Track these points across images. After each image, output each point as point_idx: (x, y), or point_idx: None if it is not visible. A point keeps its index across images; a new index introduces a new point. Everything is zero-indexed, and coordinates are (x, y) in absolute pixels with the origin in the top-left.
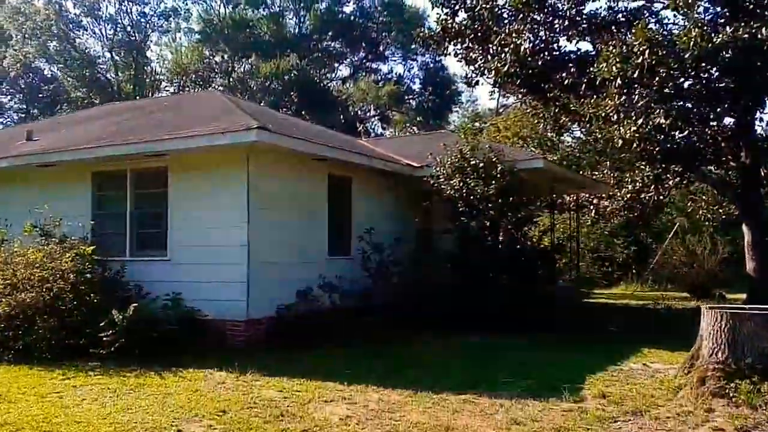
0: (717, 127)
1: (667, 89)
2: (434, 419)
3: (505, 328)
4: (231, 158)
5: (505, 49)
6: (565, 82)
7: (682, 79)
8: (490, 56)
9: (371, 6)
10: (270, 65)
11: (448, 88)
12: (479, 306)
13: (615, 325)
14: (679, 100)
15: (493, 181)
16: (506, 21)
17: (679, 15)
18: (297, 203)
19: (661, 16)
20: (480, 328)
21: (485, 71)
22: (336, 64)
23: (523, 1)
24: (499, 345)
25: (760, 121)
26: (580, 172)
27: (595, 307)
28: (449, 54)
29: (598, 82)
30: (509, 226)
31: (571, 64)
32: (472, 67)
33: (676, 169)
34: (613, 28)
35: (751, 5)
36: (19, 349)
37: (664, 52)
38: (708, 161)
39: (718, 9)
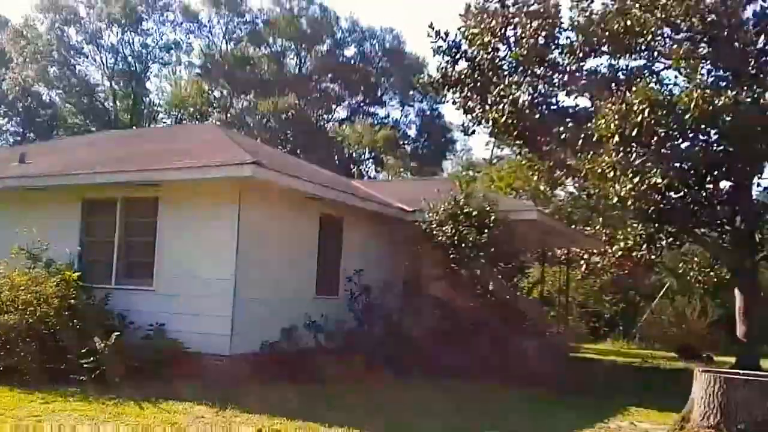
0: (713, 190)
1: (664, 149)
2: None
3: (491, 379)
4: (223, 192)
5: (504, 100)
6: (562, 137)
7: (680, 140)
8: (488, 106)
9: (372, 51)
10: (268, 103)
11: (444, 135)
12: (466, 355)
13: (602, 381)
14: (676, 161)
15: (486, 230)
16: (506, 72)
17: (681, 76)
18: (287, 240)
19: (661, 77)
20: (465, 377)
21: (482, 121)
22: (334, 106)
23: (524, 54)
24: (483, 396)
25: (758, 186)
26: (572, 227)
27: (583, 362)
28: (448, 101)
29: (595, 139)
30: (500, 276)
31: (568, 119)
32: (469, 116)
33: (670, 229)
34: (613, 85)
35: (754, 70)
36: (1, 371)
37: (664, 112)
38: (702, 223)
39: (721, 72)
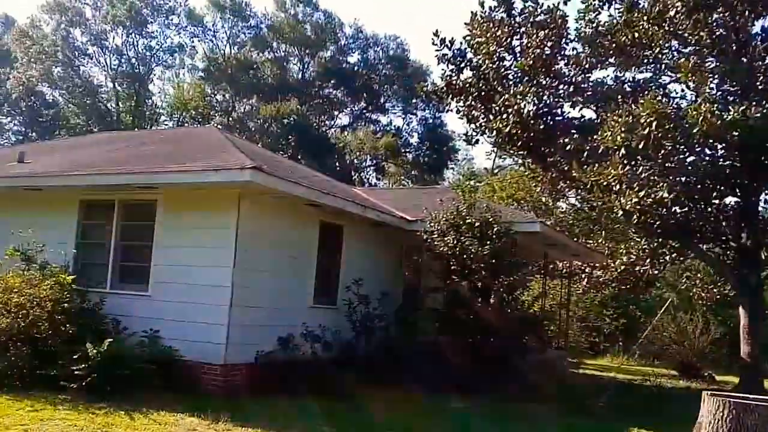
0: (719, 205)
1: (670, 163)
2: None
3: (491, 394)
4: (222, 196)
5: (508, 110)
6: (567, 148)
7: (687, 154)
8: (492, 116)
9: (375, 58)
10: (270, 108)
11: (446, 144)
12: (464, 369)
13: (604, 400)
14: (683, 175)
15: (488, 242)
16: (511, 82)
17: (689, 90)
18: (286, 248)
19: (668, 90)
20: (463, 392)
21: (486, 130)
22: (336, 112)
23: (530, 64)
24: (480, 413)
25: (765, 202)
26: (574, 240)
27: (584, 379)
28: (451, 110)
29: (600, 151)
30: (501, 289)
31: (573, 130)
32: (473, 125)
33: (674, 244)
34: (619, 97)
35: (762, 85)
36: None
37: (672, 125)
38: (707, 239)
39: (729, 86)
